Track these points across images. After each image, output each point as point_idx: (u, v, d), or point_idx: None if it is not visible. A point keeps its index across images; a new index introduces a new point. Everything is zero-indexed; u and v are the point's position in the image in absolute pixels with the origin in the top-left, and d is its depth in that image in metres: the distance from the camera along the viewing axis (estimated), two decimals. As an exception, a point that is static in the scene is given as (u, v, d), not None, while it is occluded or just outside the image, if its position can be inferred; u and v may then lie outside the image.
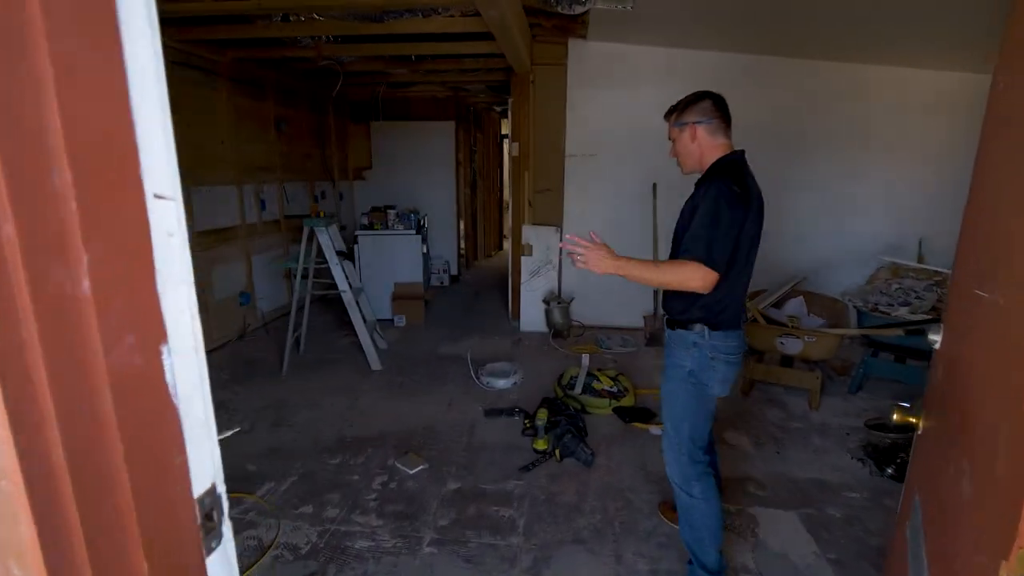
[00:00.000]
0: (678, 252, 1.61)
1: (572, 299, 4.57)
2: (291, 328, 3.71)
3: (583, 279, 4.59)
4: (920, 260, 3.98)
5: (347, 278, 3.66)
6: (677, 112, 1.74)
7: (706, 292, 1.52)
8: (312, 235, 3.61)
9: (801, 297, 3.61)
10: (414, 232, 4.86)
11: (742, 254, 1.61)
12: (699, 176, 1.71)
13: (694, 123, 1.68)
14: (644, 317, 4.43)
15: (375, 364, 3.73)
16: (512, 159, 4.54)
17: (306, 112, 5.54)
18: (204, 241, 4.06)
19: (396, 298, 4.82)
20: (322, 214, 3.60)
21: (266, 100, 4.84)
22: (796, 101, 4.18)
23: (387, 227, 4.89)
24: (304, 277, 3.75)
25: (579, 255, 1.60)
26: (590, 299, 4.65)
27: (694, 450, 1.72)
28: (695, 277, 1.50)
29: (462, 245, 7.22)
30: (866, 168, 4.27)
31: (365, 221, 4.97)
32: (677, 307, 1.69)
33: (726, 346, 1.64)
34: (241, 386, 3.51)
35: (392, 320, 4.80)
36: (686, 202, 1.68)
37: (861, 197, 4.33)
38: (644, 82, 4.22)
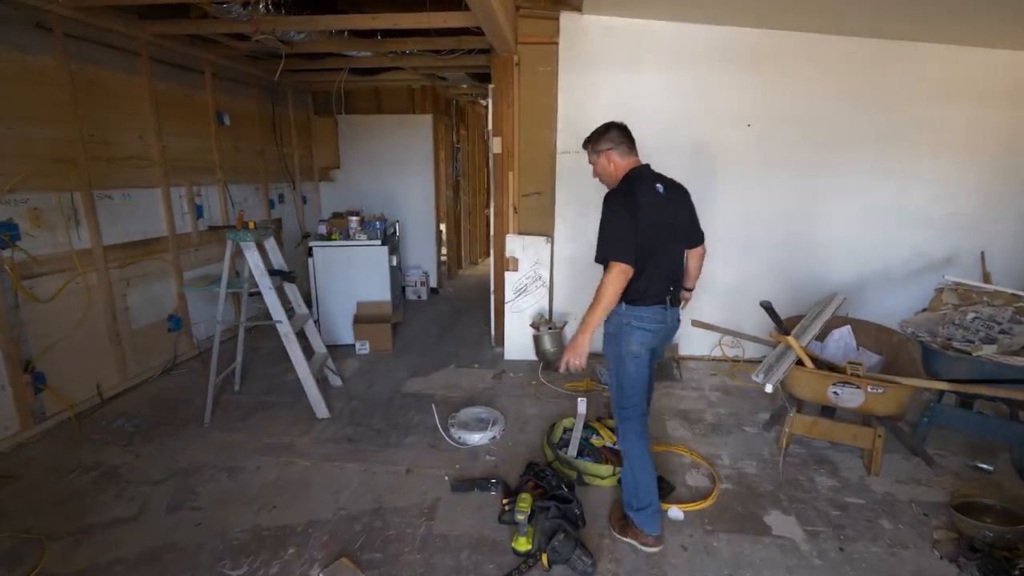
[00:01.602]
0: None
1: (565, 323, 3.87)
2: (214, 366, 2.97)
3: (579, 297, 3.89)
4: (986, 279, 3.30)
5: (285, 305, 2.93)
6: (592, 143, 2.08)
7: (629, 280, 1.87)
8: (240, 251, 2.89)
9: (848, 327, 2.93)
10: (380, 243, 4.14)
11: (655, 244, 1.95)
12: None
13: (608, 150, 2.04)
14: (651, 345, 3.73)
15: (321, 411, 3.01)
16: (494, 157, 3.83)
17: (258, 103, 4.80)
18: (116, 256, 3.32)
19: (358, 321, 4.09)
20: (252, 225, 2.87)
21: (203, 88, 4.10)
22: (831, 88, 3.49)
23: (348, 237, 4.16)
24: (241, 299, 3.03)
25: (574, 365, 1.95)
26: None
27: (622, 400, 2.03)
28: (616, 277, 1.86)
29: (443, 253, 6.50)
30: (916, 168, 3.59)
31: (323, 230, 4.24)
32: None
33: (639, 316, 1.98)
34: (149, 444, 2.77)
35: (354, 346, 4.08)
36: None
37: (909, 202, 3.65)
38: (649, 63, 3.53)
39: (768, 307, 2.34)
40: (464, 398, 3.28)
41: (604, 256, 1.90)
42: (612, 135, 2.04)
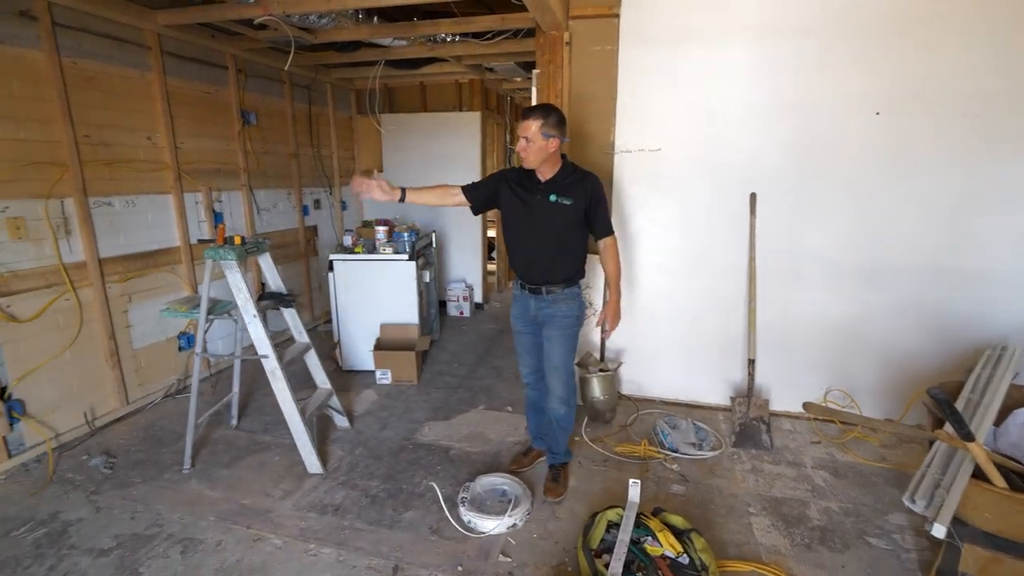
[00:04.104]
0: (597, 235, 2.21)
1: (620, 364, 3.13)
2: (193, 408, 2.53)
3: (639, 330, 3.14)
4: None
5: (270, 338, 2.44)
6: (548, 124, 2.03)
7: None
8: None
9: (1039, 405, 1.98)
10: (407, 257, 3.61)
11: None
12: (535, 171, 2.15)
13: (560, 137, 2.07)
14: (732, 399, 2.90)
15: (313, 467, 2.49)
16: (539, 158, 3.17)
17: (291, 101, 4.45)
18: (116, 269, 3.01)
19: (379, 348, 3.58)
20: (238, 240, 2.40)
21: (226, 85, 3.77)
22: (1008, 57, 2.50)
23: (373, 250, 3.67)
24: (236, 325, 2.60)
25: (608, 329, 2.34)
26: (646, 359, 3.19)
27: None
28: (617, 248, 2.25)
29: (492, 264, 5.92)
30: None
31: (348, 241, 3.78)
32: (570, 271, 2.21)
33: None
34: (117, 491, 2.38)
35: (374, 374, 3.58)
36: (537, 195, 2.14)
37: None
38: (740, 36, 2.72)
39: (943, 401, 1.47)
40: (487, 456, 2.66)
41: (612, 231, 2.22)
42: (564, 126, 2.11)
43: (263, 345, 2.39)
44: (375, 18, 3.41)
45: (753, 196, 2.84)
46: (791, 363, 2.98)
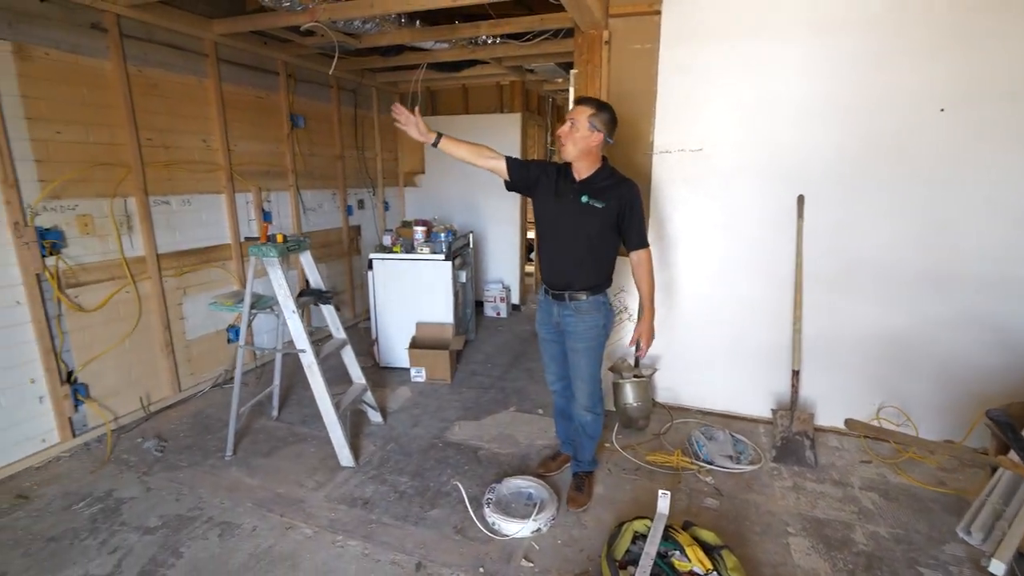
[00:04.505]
0: (629, 246, 2.11)
1: (655, 370, 3.05)
2: (236, 398, 2.65)
3: (677, 336, 3.05)
4: None
5: (309, 333, 2.52)
6: (598, 117, 1.99)
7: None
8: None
9: None
10: (443, 258, 3.65)
11: None
12: (587, 169, 2.07)
13: (605, 135, 2.02)
14: (774, 411, 2.77)
15: (345, 460, 2.56)
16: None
17: (338, 105, 4.60)
18: (172, 264, 3.20)
19: (415, 346, 3.64)
20: (281, 238, 2.50)
21: (277, 90, 3.94)
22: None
23: (411, 249, 3.74)
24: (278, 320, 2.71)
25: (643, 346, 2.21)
26: (683, 366, 3.09)
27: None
28: (651, 263, 2.13)
29: (530, 265, 5.90)
30: None
31: (387, 240, 3.87)
32: (597, 277, 2.12)
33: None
34: (166, 473, 2.53)
35: (409, 372, 3.64)
36: (586, 194, 2.03)
37: None
38: (789, 30, 2.60)
39: (1004, 424, 1.34)
40: (515, 458, 2.64)
41: (646, 244, 2.11)
42: (614, 127, 2.06)
43: (301, 340, 2.47)
44: (417, 22, 3.48)
45: (801, 198, 2.70)
46: (840, 376, 2.81)
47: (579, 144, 2.00)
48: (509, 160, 2.14)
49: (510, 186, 2.20)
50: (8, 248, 2.43)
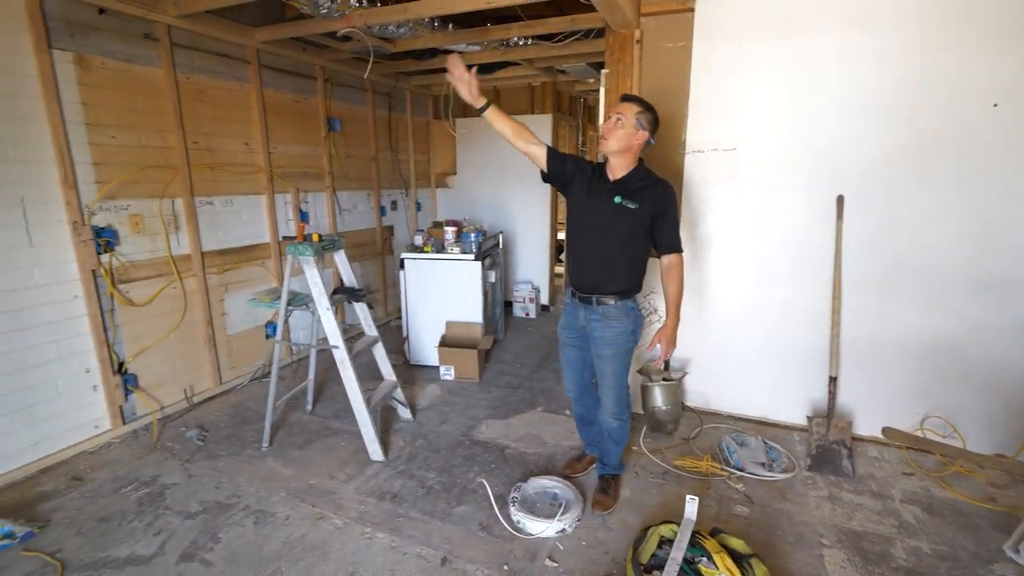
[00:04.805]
0: (661, 250, 2.05)
1: (685, 374, 3.00)
2: (272, 391, 2.75)
3: (708, 338, 2.99)
4: None
5: (342, 330, 2.59)
6: (645, 116, 1.99)
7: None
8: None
9: None
10: (473, 258, 3.69)
11: None
12: (623, 167, 2.05)
13: (649, 135, 2.01)
14: (810, 419, 2.68)
15: (375, 454, 2.62)
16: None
17: (373, 108, 4.70)
18: (215, 262, 3.34)
19: (444, 344, 3.69)
20: (316, 237, 2.59)
21: (314, 94, 4.06)
22: None
23: (442, 249, 3.80)
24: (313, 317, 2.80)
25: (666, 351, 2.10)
26: (715, 369, 3.03)
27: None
28: (682, 269, 2.06)
29: (558, 268, 5.90)
30: None
31: (419, 240, 3.94)
32: (627, 282, 2.07)
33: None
34: (207, 462, 2.65)
35: (438, 370, 3.69)
36: (614, 193, 2.02)
37: None
38: (831, 25, 2.52)
39: None
40: (541, 458, 2.65)
41: (680, 249, 2.05)
42: (656, 128, 2.04)
43: (334, 336, 2.55)
44: (450, 25, 3.53)
45: (840, 199, 2.61)
46: (880, 383, 2.70)
47: (622, 140, 1.97)
48: (550, 150, 2.11)
49: (546, 177, 2.17)
50: (67, 246, 2.59)
